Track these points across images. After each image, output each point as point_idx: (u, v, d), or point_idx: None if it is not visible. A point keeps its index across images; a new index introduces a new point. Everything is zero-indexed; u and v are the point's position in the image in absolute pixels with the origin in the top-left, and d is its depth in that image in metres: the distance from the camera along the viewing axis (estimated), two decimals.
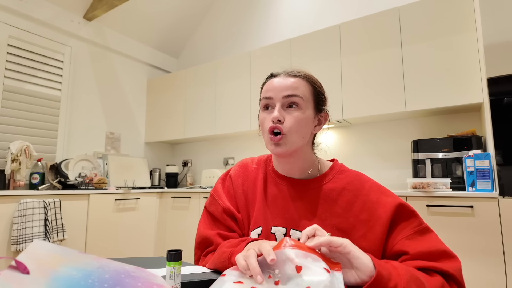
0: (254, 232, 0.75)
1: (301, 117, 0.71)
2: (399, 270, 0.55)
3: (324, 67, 2.60)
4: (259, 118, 0.76)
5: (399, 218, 0.67)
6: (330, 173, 0.77)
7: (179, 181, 3.74)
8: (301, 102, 0.71)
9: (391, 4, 2.68)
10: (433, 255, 0.63)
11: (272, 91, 0.72)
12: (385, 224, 0.66)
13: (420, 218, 0.68)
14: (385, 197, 0.70)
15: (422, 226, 0.66)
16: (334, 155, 2.81)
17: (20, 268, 0.32)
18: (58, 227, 2.26)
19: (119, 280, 0.39)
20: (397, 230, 0.67)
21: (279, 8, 3.38)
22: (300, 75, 0.74)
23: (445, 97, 2.09)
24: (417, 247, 0.63)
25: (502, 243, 1.61)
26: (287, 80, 0.72)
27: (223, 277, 0.54)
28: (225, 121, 3.16)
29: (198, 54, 4.02)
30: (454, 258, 0.63)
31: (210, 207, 0.82)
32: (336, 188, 0.73)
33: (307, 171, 0.77)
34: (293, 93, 0.71)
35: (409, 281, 0.54)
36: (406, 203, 0.69)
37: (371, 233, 0.67)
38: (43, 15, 2.81)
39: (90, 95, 3.23)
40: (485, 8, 1.81)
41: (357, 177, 0.75)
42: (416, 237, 0.65)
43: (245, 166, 0.85)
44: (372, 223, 0.67)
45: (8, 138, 2.56)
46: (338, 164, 0.79)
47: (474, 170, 1.80)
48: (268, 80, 0.76)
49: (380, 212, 0.68)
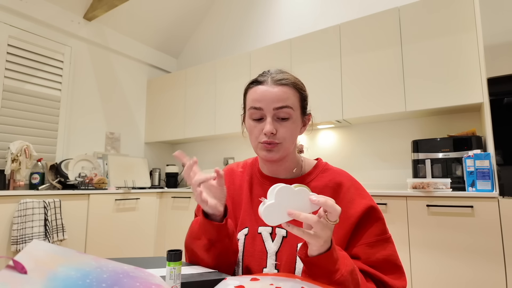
0: (241, 233, 0.76)
1: (293, 126, 0.72)
2: (346, 260, 0.58)
3: (324, 67, 2.60)
4: (247, 126, 0.76)
5: (366, 219, 0.69)
6: (314, 172, 0.79)
7: (179, 181, 3.74)
8: (291, 113, 0.72)
9: (391, 4, 2.68)
10: (383, 266, 0.66)
11: (262, 102, 0.71)
12: (353, 223, 0.68)
13: (385, 226, 0.70)
14: (360, 198, 0.72)
15: (385, 236, 0.69)
16: (334, 155, 2.81)
17: (18, 268, 0.31)
18: (58, 227, 2.26)
19: (117, 280, 0.39)
20: (360, 233, 0.68)
21: (279, 8, 3.37)
22: (288, 82, 0.73)
23: (445, 97, 2.09)
24: (373, 254, 0.66)
25: (502, 243, 1.61)
26: (276, 90, 0.71)
27: (225, 280, 0.54)
28: (225, 121, 3.16)
29: (198, 54, 4.02)
30: (402, 277, 0.66)
31: (198, 213, 0.85)
32: (318, 186, 0.75)
33: (292, 170, 0.79)
34: (285, 105, 0.70)
35: (351, 272, 0.57)
36: (378, 208, 0.71)
37: (339, 229, 0.69)
38: (43, 15, 2.81)
39: (90, 95, 3.23)
40: (485, 8, 1.81)
41: (339, 175, 0.77)
42: (376, 245, 0.67)
43: (231, 171, 0.87)
44: (342, 221, 0.69)
45: (8, 138, 2.56)
46: (322, 163, 0.81)
47: (474, 170, 1.80)
48: (253, 86, 0.74)
49: (352, 212, 0.69)
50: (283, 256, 0.70)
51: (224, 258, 0.69)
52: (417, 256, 1.83)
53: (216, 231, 0.67)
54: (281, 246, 0.71)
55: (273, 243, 0.72)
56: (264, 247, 0.72)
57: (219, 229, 0.67)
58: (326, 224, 0.53)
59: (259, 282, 0.54)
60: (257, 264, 0.71)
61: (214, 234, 0.67)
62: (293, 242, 0.70)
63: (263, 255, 0.71)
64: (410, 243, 1.86)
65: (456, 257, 1.72)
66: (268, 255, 0.71)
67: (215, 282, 0.56)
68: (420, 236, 1.83)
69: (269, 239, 0.72)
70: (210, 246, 0.68)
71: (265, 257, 0.71)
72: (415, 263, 1.83)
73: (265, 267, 0.71)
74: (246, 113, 0.77)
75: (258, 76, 0.75)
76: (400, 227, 1.90)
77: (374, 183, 2.60)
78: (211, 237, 0.68)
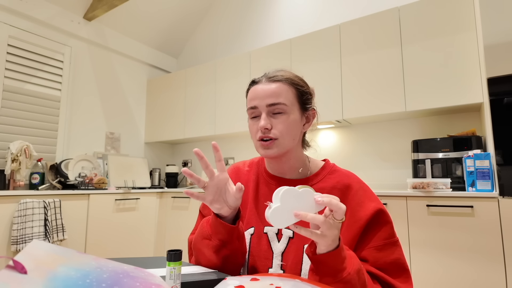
0: (247, 232, 0.75)
1: (288, 120, 0.72)
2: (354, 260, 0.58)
3: (324, 67, 2.60)
4: (248, 125, 0.78)
5: (375, 223, 0.69)
6: (321, 173, 0.78)
7: (179, 181, 3.74)
8: (285, 108, 0.72)
9: (391, 4, 2.68)
10: (391, 269, 0.66)
11: (256, 100, 0.73)
12: (362, 226, 0.68)
13: (393, 230, 0.70)
14: (368, 201, 0.71)
15: (393, 240, 0.68)
16: (334, 155, 2.81)
17: (18, 268, 0.31)
18: (58, 227, 2.26)
19: (117, 280, 0.39)
20: (369, 236, 0.68)
21: (279, 8, 3.37)
22: (282, 78, 0.73)
23: (445, 97, 2.09)
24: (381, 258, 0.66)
25: (502, 243, 1.61)
26: (269, 86, 0.72)
27: (225, 280, 0.54)
28: (225, 121, 3.16)
29: (198, 54, 4.02)
30: (409, 280, 0.66)
31: (203, 210, 0.85)
32: (326, 187, 0.74)
33: (297, 170, 0.78)
34: (276, 101, 0.71)
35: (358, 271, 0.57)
36: (386, 211, 0.71)
37: (348, 232, 0.68)
38: (43, 15, 2.81)
39: (90, 95, 3.23)
40: (485, 8, 1.81)
41: (347, 177, 0.76)
42: (384, 249, 0.67)
43: (237, 169, 0.87)
44: (351, 223, 0.69)
45: (8, 138, 2.56)
46: (329, 164, 0.80)
47: (474, 170, 1.80)
48: (251, 87, 0.76)
49: (360, 215, 0.69)
50: (289, 257, 0.69)
51: (232, 259, 0.68)
52: (417, 256, 1.83)
53: (228, 232, 0.66)
54: (287, 246, 0.70)
55: (279, 243, 0.71)
56: (270, 247, 0.72)
57: (231, 231, 0.66)
58: (332, 223, 0.53)
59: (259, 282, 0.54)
60: (262, 264, 0.71)
61: (226, 236, 0.66)
62: (299, 243, 0.69)
63: (269, 255, 0.71)
64: (410, 243, 1.86)
65: (456, 257, 1.72)
66: (274, 255, 0.70)
67: (215, 282, 0.56)
68: (420, 236, 1.83)
69: (275, 239, 0.72)
70: (221, 247, 0.67)
71: (271, 258, 0.71)
72: (415, 263, 1.83)
73: (270, 268, 0.70)
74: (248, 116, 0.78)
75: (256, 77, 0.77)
76: (400, 227, 1.90)
77: (374, 183, 2.60)
78: (222, 238, 0.66)
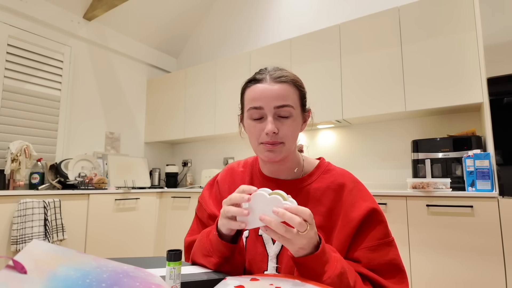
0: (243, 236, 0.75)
1: (293, 124, 0.70)
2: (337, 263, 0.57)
3: (324, 67, 2.60)
4: (246, 126, 0.74)
5: (368, 223, 0.68)
6: (316, 173, 0.76)
7: (179, 181, 3.74)
8: (292, 111, 0.69)
9: (391, 4, 2.68)
10: (385, 270, 0.64)
11: (262, 101, 0.68)
12: (354, 226, 0.67)
13: (388, 229, 0.69)
14: (362, 201, 0.70)
15: (388, 240, 0.67)
16: (334, 155, 2.81)
17: (18, 268, 0.31)
18: (58, 227, 2.26)
19: (117, 280, 0.39)
20: (362, 236, 0.67)
21: (279, 8, 3.37)
22: (288, 80, 0.70)
23: (445, 97, 2.09)
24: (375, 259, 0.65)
25: (502, 243, 1.61)
26: (276, 88, 0.69)
27: (225, 280, 0.54)
28: (225, 121, 3.16)
29: (198, 54, 4.02)
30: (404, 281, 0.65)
31: (198, 212, 0.85)
32: (321, 187, 0.73)
33: (293, 170, 0.77)
34: (285, 103, 0.68)
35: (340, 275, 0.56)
36: (380, 211, 0.70)
37: (341, 233, 0.68)
38: (43, 15, 2.81)
39: (90, 95, 3.23)
40: (485, 8, 1.81)
41: (342, 176, 0.75)
42: (378, 249, 0.66)
43: (232, 170, 0.85)
44: (344, 224, 0.68)
45: (8, 138, 2.56)
46: (324, 163, 0.79)
47: (474, 170, 1.80)
48: (251, 85, 0.72)
49: (353, 215, 0.68)
50: (284, 259, 0.69)
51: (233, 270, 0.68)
52: (416, 256, 1.83)
53: (230, 250, 0.65)
54: (282, 249, 0.70)
55: (274, 245, 0.71)
56: (265, 249, 0.71)
57: (233, 248, 0.65)
58: (296, 233, 0.53)
59: (259, 282, 0.54)
60: (258, 267, 0.71)
61: (227, 253, 0.65)
62: None
63: (264, 258, 0.71)
64: (410, 243, 1.86)
65: (456, 257, 1.72)
66: (269, 258, 0.70)
67: (215, 282, 0.56)
68: (420, 236, 1.83)
69: (270, 242, 0.72)
70: (223, 264, 0.66)
71: (266, 260, 0.70)
72: (415, 263, 1.83)
73: (266, 270, 0.70)
74: (244, 113, 0.74)
75: (255, 74, 0.73)
76: (400, 227, 1.90)
77: (374, 183, 2.60)
78: (224, 255, 0.65)
